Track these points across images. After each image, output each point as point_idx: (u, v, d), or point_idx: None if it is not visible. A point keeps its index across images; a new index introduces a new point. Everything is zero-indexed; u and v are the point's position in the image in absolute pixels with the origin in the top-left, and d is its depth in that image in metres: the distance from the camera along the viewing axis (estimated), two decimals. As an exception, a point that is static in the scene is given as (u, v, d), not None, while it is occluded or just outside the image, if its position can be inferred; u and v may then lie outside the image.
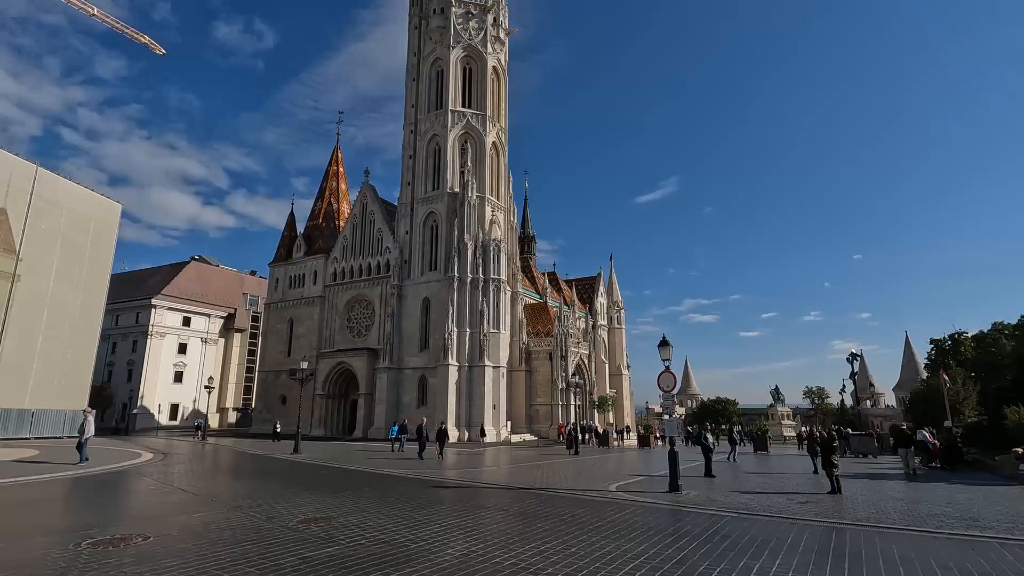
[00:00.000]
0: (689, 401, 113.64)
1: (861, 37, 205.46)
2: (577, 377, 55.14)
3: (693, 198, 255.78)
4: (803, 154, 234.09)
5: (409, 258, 53.92)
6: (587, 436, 45.18)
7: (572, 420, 49.50)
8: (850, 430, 38.62)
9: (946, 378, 34.73)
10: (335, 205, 65.79)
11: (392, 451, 31.16)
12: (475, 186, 52.02)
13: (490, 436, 46.39)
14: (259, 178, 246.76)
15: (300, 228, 65.82)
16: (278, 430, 46.10)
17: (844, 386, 50.84)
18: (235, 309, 77.18)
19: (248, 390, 76.14)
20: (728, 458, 29.05)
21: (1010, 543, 9.36)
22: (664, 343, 15.87)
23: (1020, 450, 19.26)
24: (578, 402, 56.09)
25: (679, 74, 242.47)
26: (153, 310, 67.93)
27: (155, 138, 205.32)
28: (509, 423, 49.26)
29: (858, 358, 39.42)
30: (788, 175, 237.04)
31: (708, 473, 19.27)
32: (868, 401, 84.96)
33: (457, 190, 52.54)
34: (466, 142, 54.28)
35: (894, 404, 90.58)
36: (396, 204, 56.82)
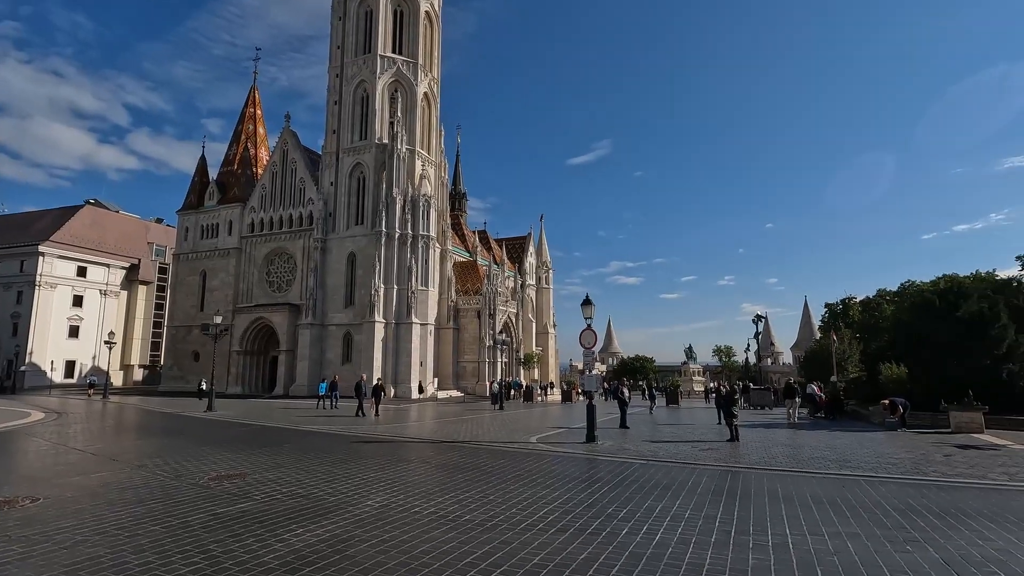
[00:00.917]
0: (611, 359, 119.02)
1: (802, 15, 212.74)
2: (504, 335, 56.10)
3: (625, 161, 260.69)
4: (730, 125, 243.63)
5: (334, 211, 51.70)
6: (512, 392, 46.39)
7: (499, 377, 50.60)
8: (751, 384, 42.11)
9: (835, 338, 38.43)
10: (252, 151, 61.42)
11: (322, 408, 30.56)
12: (405, 138, 50.18)
13: (416, 393, 46.57)
14: (166, 117, 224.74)
15: (213, 174, 61.11)
16: (203, 387, 41.86)
17: (749, 345, 55.09)
18: (139, 259, 71.34)
19: (156, 346, 71.50)
20: (649, 411, 31.57)
21: (873, 479, 10.69)
22: (587, 302, 16.37)
23: (887, 401, 21.83)
24: (505, 359, 57.28)
25: (617, 34, 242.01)
26: (41, 258, 61.35)
27: (36, 62, 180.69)
28: (436, 380, 49.58)
29: (763, 319, 42.71)
30: (714, 144, 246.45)
31: (623, 425, 20.43)
32: (769, 359, 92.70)
33: (386, 141, 50.48)
34: (396, 91, 51.92)
35: (791, 362, 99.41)
36: (320, 153, 53.91)
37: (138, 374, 70.48)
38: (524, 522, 7.31)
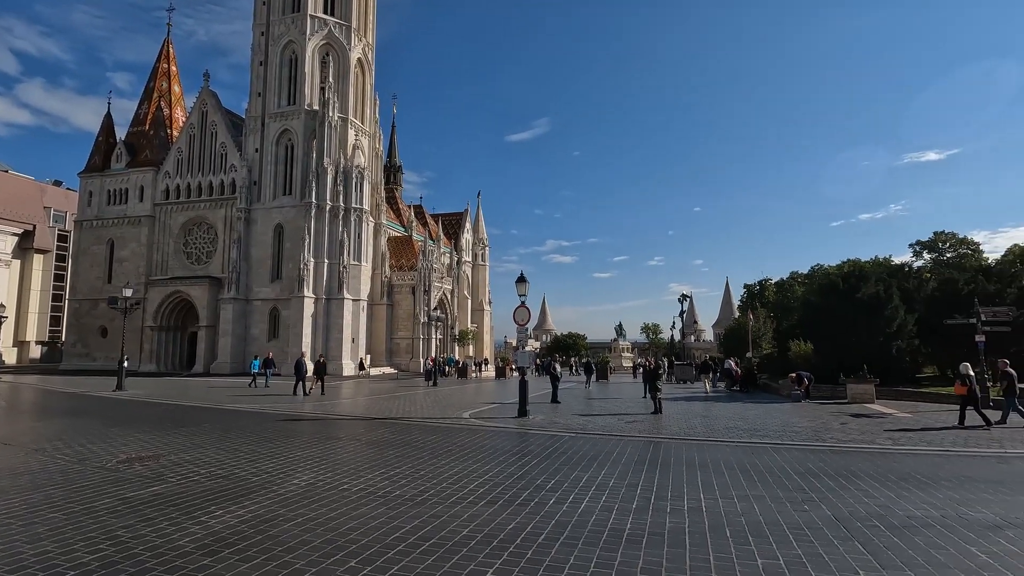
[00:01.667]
0: (544, 336, 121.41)
1: (744, 4, 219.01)
2: (439, 312, 55.75)
3: (563, 140, 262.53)
4: (665, 110, 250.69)
5: (259, 179, 48.91)
6: (447, 368, 46.40)
7: (433, 354, 50.39)
8: (675, 360, 44.33)
9: (751, 317, 41.05)
10: (166, 111, 56.70)
11: (255, 386, 29.23)
12: (337, 105, 47.97)
13: (348, 370, 45.57)
14: (64, 67, 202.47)
15: (121, 134, 56.02)
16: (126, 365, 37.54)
17: (674, 323, 57.77)
18: (34, 225, 64.76)
19: (56, 321, 65.59)
20: (585, 385, 32.83)
21: (779, 446, 11.61)
22: (521, 280, 16.52)
23: (794, 375, 23.67)
24: (439, 336, 57.04)
25: (558, 11, 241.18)
26: (-88, 221, 54.34)
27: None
28: (369, 357, 48.69)
29: (688, 299, 44.85)
30: (649, 128, 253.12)
31: (554, 399, 20.97)
32: (692, 336, 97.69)
33: (316, 108, 48.06)
34: (327, 54, 49.34)
35: (713, 339, 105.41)
36: (244, 117, 50.58)
37: (35, 351, 64.58)
38: (454, 496, 7.39)
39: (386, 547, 5.37)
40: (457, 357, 55.23)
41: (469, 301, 67.08)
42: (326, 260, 46.51)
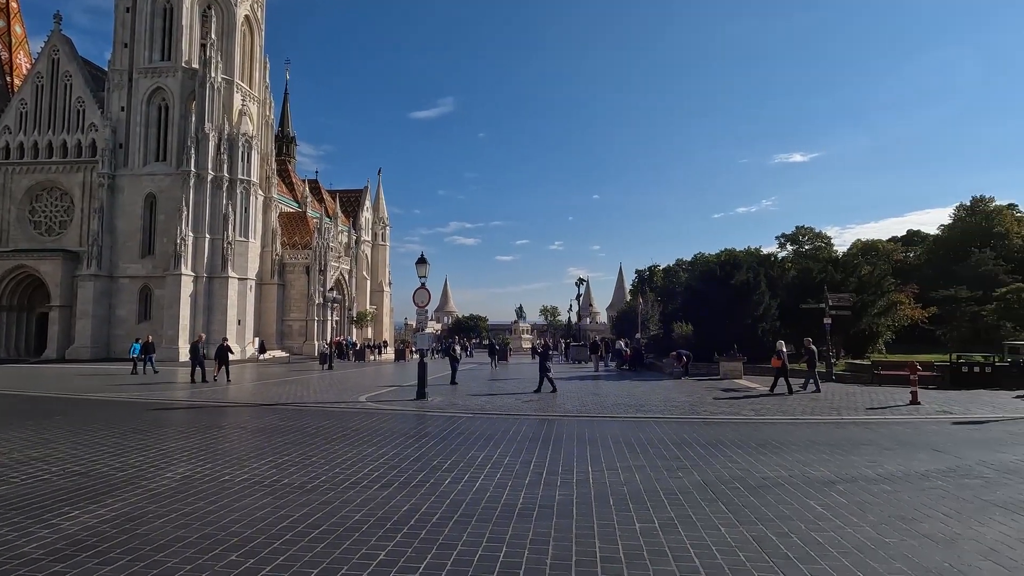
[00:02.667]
0: (446, 318, 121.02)
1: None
2: (336, 292, 53.51)
3: (469, 121, 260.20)
4: (567, 101, 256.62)
5: (127, 142, 43.62)
6: (344, 351, 44.84)
7: (329, 336, 48.42)
8: (571, 341, 46.24)
9: (641, 301, 43.80)
10: (5, 54, 48.57)
11: (142, 373, 26.21)
12: (221, 66, 43.78)
13: (235, 354, 42.46)
14: None
15: (-57, 78, 47.15)
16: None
17: (571, 306, 60.12)
18: None
19: None
20: (492, 366, 33.27)
21: (660, 420, 12.58)
22: (422, 261, 16.30)
23: (675, 354, 25.68)
24: (336, 318, 54.87)
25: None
26: None
27: None
28: (258, 340, 45.70)
29: (584, 283, 46.80)
30: (552, 116, 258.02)
31: (453, 381, 21.04)
32: (588, 318, 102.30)
33: (196, 66, 43.55)
34: (209, 7, 44.73)
35: (607, 321, 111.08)
36: (107, 70, 44.64)
37: None
38: (347, 481, 7.22)
39: (271, 538, 5.14)
40: (355, 339, 53.51)
41: (368, 282, 65.06)
42: (208, 235, 42.73)
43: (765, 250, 42.93)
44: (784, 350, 17.95)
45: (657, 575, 4.35)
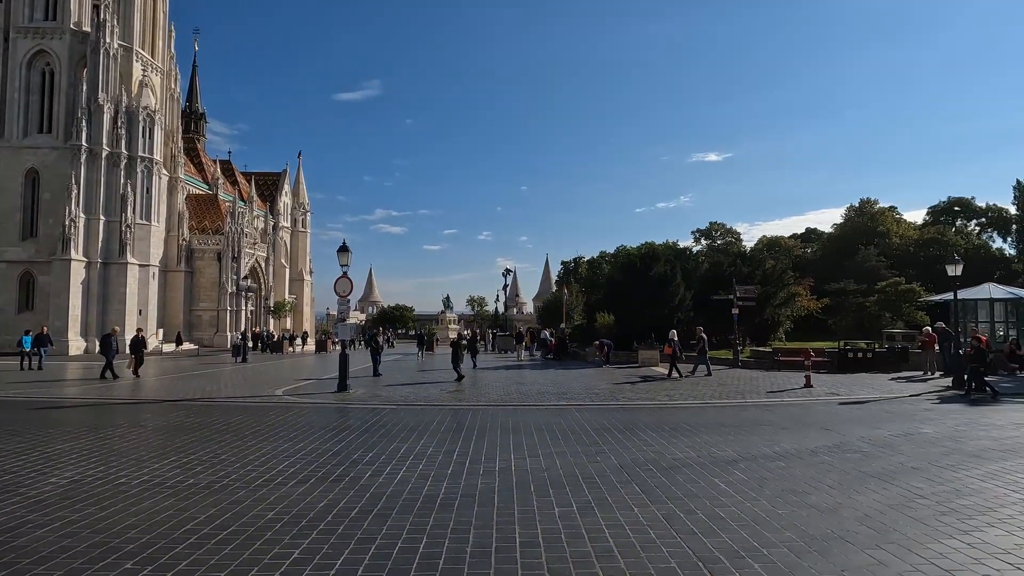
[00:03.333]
0: (371, 308, 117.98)
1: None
2: (251, 281, 50.65)
3: (396, 106, 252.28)
4: (496, 90, 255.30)
5: (2, 110, 38.79)
6: (259, 343, 42.64)
7: (243, 327, 45.82)
8: (497, 331, 46.61)
9: (566, 291, 44.83)
10: None
11: (35, 368, 23.35)
12: (117, 31, 39.85)
13: (148, 348, 39.18)
14: None
15: None
16: None
17: (498, 296, 60.53)
18: None
19: None
20: (418, 356, 32.67)
21: (581, 407, 12.98)
22: (343, 249, 15.77)
23: (597, 343, 26.57)
24: (251, 308, 52.00)
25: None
26: None
27: None
28: (161, 331, 42.47)
29: (511, 273, 47.25)
30: (481, 104, 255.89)
31: (375, 373, 20.53)
32: (515, 309, 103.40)
33: (87, 29, 39.40)
34: (104, -35, 40.49)
35: (533, 311, 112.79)
36: (-24, 25, 39.37)
37: None
38: (261, 478, 6.89)
39: (173, 542, 4.81)
40: (272, 330, 50.99)
41: (287, 270, 62.05)
42: (103, 217, 39.05)
43: (682, 244, 45.37)
44: (676, 339, 19.61)
45: (574, 556, 4.50)
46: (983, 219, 62.86)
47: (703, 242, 65.22)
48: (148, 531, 5.08)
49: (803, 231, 72.11)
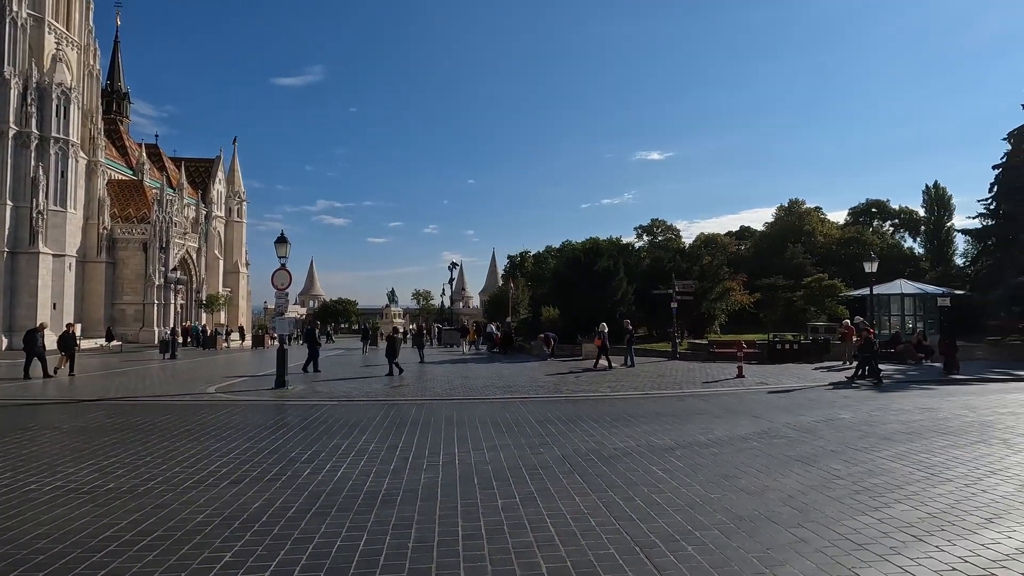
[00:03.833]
0: (312, 301, 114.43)
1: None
2: (181, 273, 47.98)
3: (339, 93, 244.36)
4: (442, 81, 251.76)
5: None
6: (189, 338, 40.46)
7: (172, 322, 43.34)
8: (444, 325, 46.28)
9: (512, 285, 45.03)
10: None
11: None
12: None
13: (50, 342, 36.23)
14: None
15: None
16: None
17: (444, 290, 60.08)
18: None
19: None
20: (362, 351, 32.35)
21: (526, 400, 13.10)
22: (281, 240, 15.17)
23: (542, 336, 26.88)
24: (182, 301, 49.33)
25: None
26: None
27: None
28: (80, 326, 39.46)
29: (458, 267, 46.94)
30: (427, 94, 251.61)
31: (315, 368, 19.82)
32: (461, 303, 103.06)
33: (-9, -4, 35.88)
34: (10, -74, 36.96)
35: (479, 305, 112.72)
36: None
37: None
38: (189, 480, 6.55)
39: (89, 551, 4.49)
40: (205, 325, 48.50)
41: (221, 262, 59.17)
42: (10, 202, 35.89)
43: (625, 240, 46.44)
44: (605, 332, 20.74)
45: (516, 546, 4.54)
46: (896, 220, 67.90)
47: (645, 238, 67.10)
48: (60, 540, 4.72)
49: (738, 229, 75.55)
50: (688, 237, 68.29)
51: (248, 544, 4.63)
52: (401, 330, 29.81)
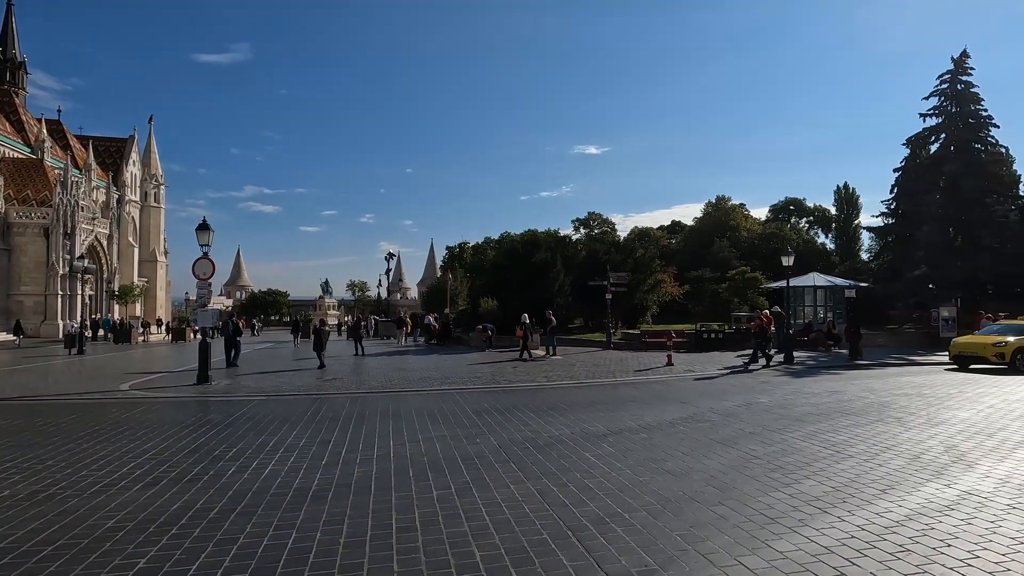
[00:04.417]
0: (239, 292, 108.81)
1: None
2: (90, 261, 44.25)
3: (268, 74, 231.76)
4: (379, 65, 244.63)
5: None
6: (101, 332, 37.52)
7: (79, 314, 39.95)
8: (380, 317, 45.37)
9: (451, 277, 44.74)
10: None
11: None
12: None
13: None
14: None
15: None
16: None
17: (381, 281, 58.85)
18: None
19: None
20: (294, 343, 31.63)
21: (463, 391, 13.09)
22: (203, 227, 14.29)
23: (480, 327, 26.93)
24: (91, 292, 45.54)
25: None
26: None
27: None
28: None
29: (394, 257, 46.10)
30: (363, 79, 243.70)
31: (233, 363, 18.75)
32: (398, 294, 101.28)
33: None
34: None
35: (417, 296, 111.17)
36: None
37: None
38: (98, 484, 6.09)
39: (-21, 565, 4.09)
40: (117, 317, 45.07)
41: (136, 250, 55.12)
42: None
43: (563, 232, 47.11)
44: (527, 322, 21.62)
45: (450, 537, 4.54)
46: (811, 217, 72.82)
47: (582, 231, 68.38)
48: (-56, 555, 4.27)
49: (669, 223, 78.46)
50: (623, 230, 70.27)
51: (165, 548, 4.37)
52: (336, 322, 28.97)
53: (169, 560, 4.15)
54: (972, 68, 32.85)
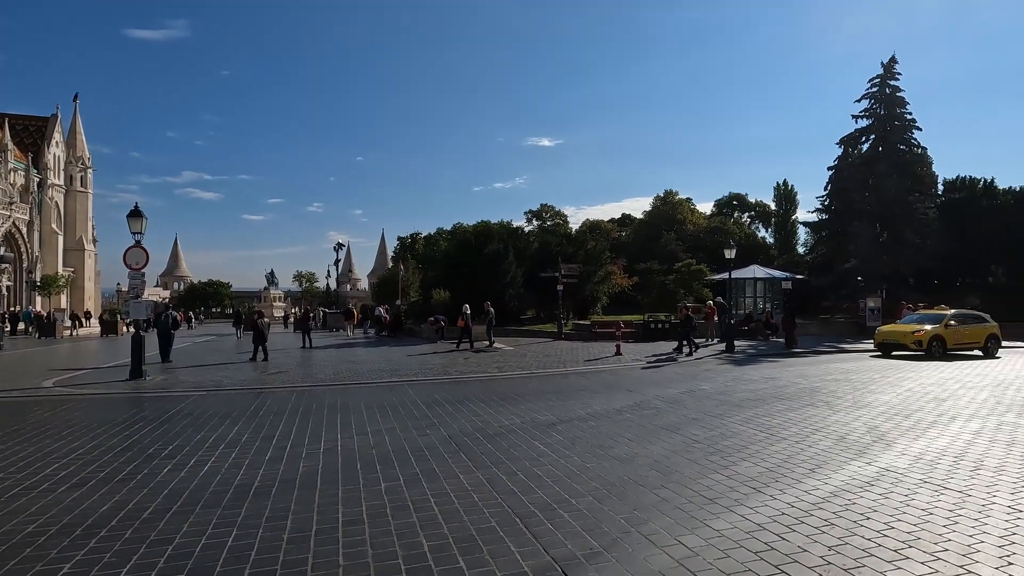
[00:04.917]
0: (177, 283, 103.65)
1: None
2: (7, 249, 41.07)
3: (209, 53, 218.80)
4: (328, 48, 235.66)
5: None
6: (22, 324, 34.93)
7: (2, 307, 37.13)
8: (331, 308, 44.29)
9: (403, 267, 44.11)
10: None
11: None
12: None
13: None
14: None
15: None
16: None
17: (329, 272, 57.30)
18: None
19: None
20: (236, 336, 30.77)
21: (414, 383, 12.98)
22: (135, 214, 13.49)
23: (432, 319, 26.74)
24: (8, 283, 42.28)
25: None
26: None
27: None
28: None
29: (344, 247, 45.02)
30: (309, 61, 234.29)
31: (165, 359, 17.78)
32: (348, 285, 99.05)
33: None
34: None
35: (368, 287, 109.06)
36: None
37: None
38: (18, 487, 5.70)
39: None
40: (40, 310, 42.05)
41: (61, 238, 51.50)
42: None
43: (516, 224, 47.21)
44: (468, 313, 22.14)
45: (398, 528, 4.52)
46: (753, 212, 76.00)
47: (535, 223, 68.78)
48: None
49: (620, 216, 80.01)
50: (575, 223, 71.11)
51: (93, 552, 4.14)
52: (283, 314, 28.03)
53: (97, 564, 3.95)
54: (899, 73, 35.06)
